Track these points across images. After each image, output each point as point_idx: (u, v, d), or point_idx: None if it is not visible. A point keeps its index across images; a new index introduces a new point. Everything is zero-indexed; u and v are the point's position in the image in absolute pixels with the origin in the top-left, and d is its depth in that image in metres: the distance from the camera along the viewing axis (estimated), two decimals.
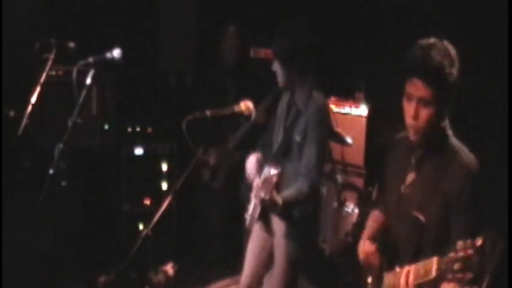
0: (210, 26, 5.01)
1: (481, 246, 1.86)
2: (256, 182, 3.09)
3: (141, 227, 4.60)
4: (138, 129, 4.81)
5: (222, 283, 4.36)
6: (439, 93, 2.13)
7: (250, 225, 3.19)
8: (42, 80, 3.22)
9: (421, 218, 2.23)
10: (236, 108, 2.68)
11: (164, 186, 4.72)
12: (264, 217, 3.15)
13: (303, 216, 3.10)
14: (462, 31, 3.81)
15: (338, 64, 4.70)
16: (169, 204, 2.37)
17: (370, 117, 4.31)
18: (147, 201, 4.67)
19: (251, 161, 3.20)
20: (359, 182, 4.39)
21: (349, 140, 4.04)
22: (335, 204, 4.31)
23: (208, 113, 2.47)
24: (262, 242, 3.26)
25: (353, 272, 3.39)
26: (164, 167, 4.71)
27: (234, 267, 3.48)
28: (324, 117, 3.07)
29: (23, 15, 4.42)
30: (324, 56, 4.59)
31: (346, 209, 4.29)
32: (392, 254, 2.34)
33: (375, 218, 2.63)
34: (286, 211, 3.02)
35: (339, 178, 4.30)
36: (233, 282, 4.18)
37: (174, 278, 4.27)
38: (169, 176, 4.71)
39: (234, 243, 4.12)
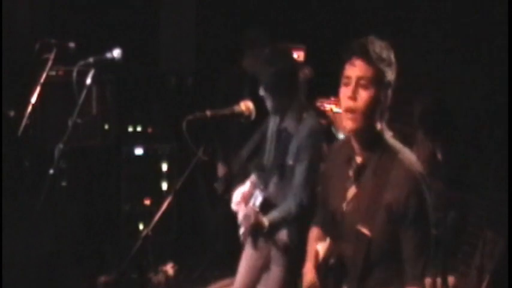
0: (210, 26, 5.01)
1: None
2: (241, 211, 3.12)
3: (141, 227, 4.60)
4: (138, 129, 4.81)
5: (222, 283, 4.35)
6: (379, 75, 2.03)
7: (244, 241, 3.22)
8: (42, 80, 3.22)
9: (366, 232, 2.05)
10: (236, 108, 2.67)
11: (164, 186, 4.72)
12: (253, 237, 3.17)
13: (290, 236, 3.09)
14: (462, 31, 3.82)
15: (338, 64, 4.70)
16: (169, 204, 2.37)
17: None
18: (147, 201, 4.67)
19: (236, 195, 3.22)
20: None
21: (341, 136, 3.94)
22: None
23: (208, 113, 2.47)
24: (253, 259, 3.28)
25: None
26: (164, 167, 4.71)
27: (234, 267, 3.47)
28: (317, 140, 3.03)
29: (23, 15, 4.42)
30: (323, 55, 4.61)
31: None
32: (339, 275, 2.20)
33: (314, 237, 2.46)
34: (273, 231, 3.05)
35: None
36: (233, 282, 4.18)
37: (174, 278, 4.27)
38: (169, 176, 4.71)
39: (234, 243, 4.12)
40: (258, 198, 3.18)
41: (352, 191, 2.16)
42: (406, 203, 2.00)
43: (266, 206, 3.09)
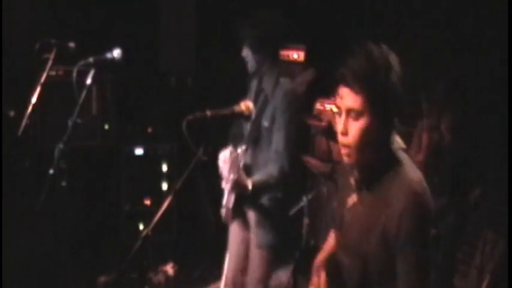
0: (210, 26, 5.01)
1: None
2: (226, 170, 3.06)
3: (141, 227, 4.60)
4: (138, 129, 4.81)
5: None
6: (370, 101, 1.82)
7: (227, 217, 3.15)
8: (42, 80, 3.22)
9: (362, 248, 1.93)
10: (236, 108, 2.68)
11: (164, 186, 4.72)
12: (238, 208, 3.14)
13: (273, 203, 3.12)
14: (463, 30, 3.82)
15: (338, 64, 4.70)
16: (169, 204, 2.37)
17: None
18: (147, 201, 4.67)
19: (224, 155, 3.13)
20: None
21: None
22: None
23: (208, 113, 2.47)
24: (240, 235, 3.30)
25: None
26: (164, 167, 4.71)
27: None
28: (291, 102, 3.06)
29: (23, 15, 4.42)
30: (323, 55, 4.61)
31: None
32: (339, 286, 2.11)
33: (331, 239, 2.33)
34: (257, 196, 3.06)
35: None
36: None
37: (174, 278, 4.28)
38: (169, 176, 4.71)
39: None
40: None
41: (352, 199, 2.04)
42: (398, 224, 1.83)
43: (244, 171, 3.05)
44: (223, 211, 3.14)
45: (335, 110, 2.00)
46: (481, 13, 3.74)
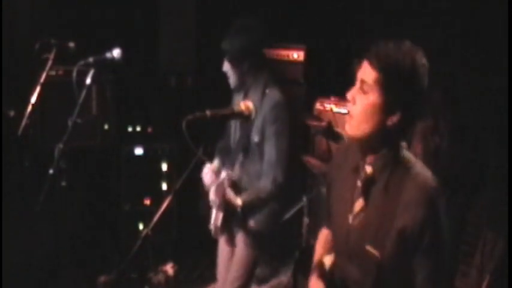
0: (210, 26, 5.01)
1: None
2: (212, 191, 3.03)
3: (141, 227, 4.61)
4: (138, 129, 4.81)
5: None
6: (383, 80, 1.82)
7: (215, 234, 3.15)
8: (42, 80, 3.22)
9: (376, 253, 1.85)
10: (236, 108, 2.68)
11: (164, 186, 4.72)
12: (226, 225, 3.12)
13: (266, 219, 3.05)
14: (463, 30, 3.81)
15: (338, 64, 4.71)
16: (169, 204, 2.37)
17: None
18: (147, 201, 4.67)
19: (205, 172, 3.12)
20: None
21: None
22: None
23: (208, 112, 2.47)
24: (229, 252, 3.25)
25: None
26: (164, 167, 4.71)
27: None
28: (280, 113, 2.98)
29: (23, 15, 4.42)
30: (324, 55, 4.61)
31: None
32: None
33: (322, 241, 2.29)
34: (248, 213, 2.99)
35: None
36: None
37: (174, 278, 4.27)
38: (169, 176, 4.71)
39: None
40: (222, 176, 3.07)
41: (359, 203, 1.95)
42: (421, 230, 1.80)
43: (233, 189, 3.01)
44: (211, 228, 3.11)
45: (335, 110, 2.00)
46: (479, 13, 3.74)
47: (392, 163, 1.89)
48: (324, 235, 2.31)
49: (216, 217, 3.06)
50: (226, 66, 3.05)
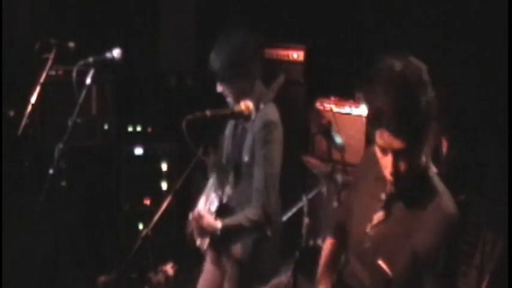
0: (210, 26, 5.01)
1: None
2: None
3: (141, 227, 4.60)
4: (138, 129, 4.81)
5: None
6: (412, 140, 1.81)
7: (204, 252, 3.09)
8: (42, 80, 3.22)
9: (387, 270, 1.89)
10: (236, 108, 2.66)
11: (164, 186, 4.72)
12: (213, 248, 3.01)
13: (258, 242, 2.86)
14: (462, 31, 3.81)
15: (338, 64, 4.71)
16: (169, 204, 2.37)
17: None
18: (147, 201, 4.67)
19: (201, 205, 3.05)
20: None
21: (338, 140, 3.84)
22: (335, 204, 4.30)
23: (208, 112, 2.47)
24: (210, 275, 3.11)
25: None
26: (164, 167, 4.71)
27: None
28: (271, 134, 2.73)
29: (23, 15, 4.42)
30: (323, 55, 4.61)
31: None
32: None
33: (328, 252, 2.31)
34: (230, 239, 2.84)
35: (339, 178, 4.30)
36: None
37: (174, 278, 4.27)
38: (169, 176, 4.71)
39: None
40: (213, 203, 2.97)
41: (379, 215, 1.98)
42: (436, 256, 1.83)
43: (222, 211, 2.86)
44: (200, 246, 3.04)
45: (335, 110, 2.00)
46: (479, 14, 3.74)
47: (419, 187, 1.91)
48: (328, 246, 2.32)
49: (201, 242, 3.00)
50: (220, 88, 2.88)
